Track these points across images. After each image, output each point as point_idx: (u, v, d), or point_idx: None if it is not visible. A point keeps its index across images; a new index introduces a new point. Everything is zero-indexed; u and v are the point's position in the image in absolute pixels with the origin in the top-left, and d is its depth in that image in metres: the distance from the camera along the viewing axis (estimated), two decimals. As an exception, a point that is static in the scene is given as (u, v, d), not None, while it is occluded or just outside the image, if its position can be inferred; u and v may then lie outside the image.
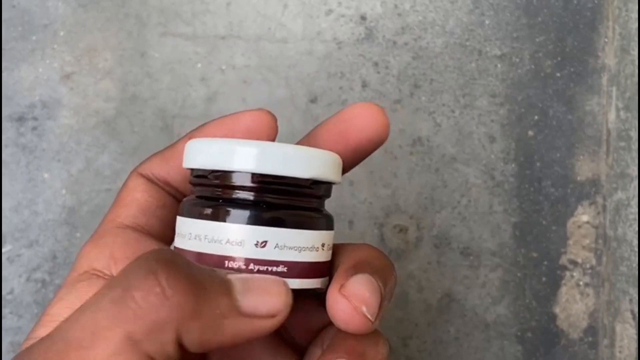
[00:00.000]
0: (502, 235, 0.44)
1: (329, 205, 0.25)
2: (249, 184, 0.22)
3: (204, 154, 0.23)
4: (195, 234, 0.22)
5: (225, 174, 0.22)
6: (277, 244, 0.22)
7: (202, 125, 0.26)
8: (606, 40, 0.44)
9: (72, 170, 0.42)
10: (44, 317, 0.24)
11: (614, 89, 0.43)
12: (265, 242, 0.22)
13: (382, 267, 0.23)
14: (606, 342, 0.43)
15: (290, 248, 0.22)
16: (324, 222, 0.23)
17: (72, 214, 0.41)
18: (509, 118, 0.44)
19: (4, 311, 0.41)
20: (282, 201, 0.22)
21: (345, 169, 0.25)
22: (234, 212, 0.22)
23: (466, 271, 0.43)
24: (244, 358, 0.25)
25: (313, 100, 0.43)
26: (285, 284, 0.21)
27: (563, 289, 0.44)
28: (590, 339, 0.44)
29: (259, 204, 0.22)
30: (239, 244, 0.21)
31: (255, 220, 0.22)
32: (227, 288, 0.20)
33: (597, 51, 0.44)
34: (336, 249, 0.24)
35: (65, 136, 0.42)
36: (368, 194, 0.43)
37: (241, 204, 0.22)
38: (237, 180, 0.22)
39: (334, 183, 0.24)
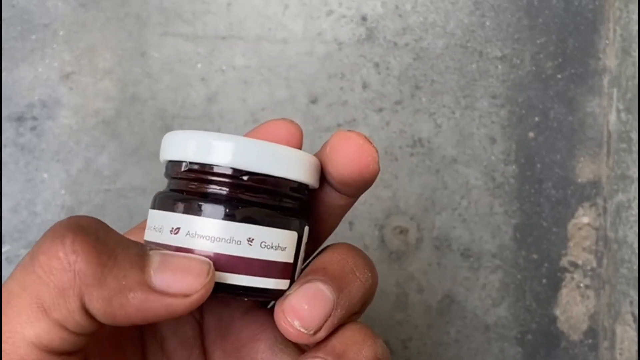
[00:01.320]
0: (502, 237, 0.44)
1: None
2: (223, 179, 0.22)
3: (179, 146, 0.22)
4: (165, 227, 0.22)
5: (201, 168, 0.22)
6: (250, 241, 0.21)
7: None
8: (607, 41, 0.44)
9: (72, 171, 0.41)
10: None
11: (615, 90, 0.43)
12: (240, 240, 0.21)
13: (340, 271, 0.22)
14: (606, 344, 0.43)
15: (267, 246, 0.22)
16: (289, 222, 0.23)
17: (71, 214, 0.41)
18: (509, 119, 0.44)
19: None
20: (256, 199, 0.22)
21: (348, 194, 0.24)
22: (206, 207, 0.21)
23: (466, 273, 0.43)
24: (245, 354, 0.25)
25: (313, 101, 0.43)
26: (210, 265, 0.20)
27: (563, 291, 0.44)
28: (590, 341, 0.44)
29: (233, 200, 0.22)
30: (208, 238, 0.21)
31: (227, 216, 0.21)
32: (142, 261, 0.20)
33: (598, 53, 0.44)
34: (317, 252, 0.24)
35: (65, 136, 0.41)
36: (368, 195, 0.43)
37: (214, 198, 0.22)
38: (211, 175, 0.22)
39: (308, 185, 0.23)
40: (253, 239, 0.21)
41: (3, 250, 0.41)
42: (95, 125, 0.42)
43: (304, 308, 0.21)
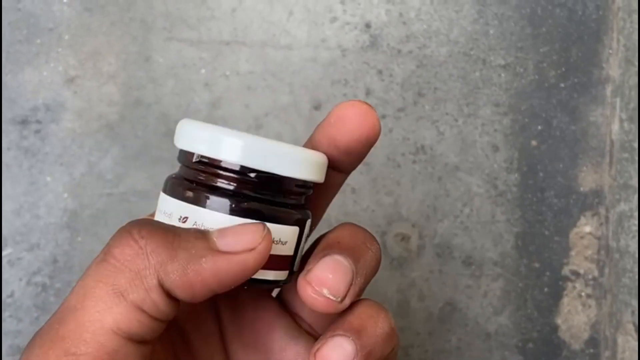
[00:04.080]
0: (504, 245, 0.44)
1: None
2: (231, 174, 0.22)
3: (192, 137, 0.23)
4: (174, 214, 0.22)
5: (211, 161, 0.22)
6: None
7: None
8: (610, 51, 0.44)
9: (75, 174, 0.42)
10: None
11: (618, 100, 0.43)
12: None
13: (353, 244, 0.24)
14: (608, 353, 0.43)
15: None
16: (291, 218, 0.23)
17: (74, 218, 0.41)
18: (512, 128, 0.44)
19: (4, 314, 0.41)
20: (261, 195, 0.22)
21: (345, 169, 0.25)
22: (213, 200, 0.22)
23: (468, 280, 0.43)
24: (262, 343, 0.25)
25: (317, 107, 0.43)
26: (264, 225, 0.21)
27: (565, 300, 0.44)
28: (591, 350, 0.44)
29: (239, 195, 0.22)
30: (206, 229, 0.22)
31: (233, 211, 0.22)
32: (202, 234, 0.21)
33: (602, 62, 0.44)
34: (318, 238, 0.25)
35: (68, 140, 0.42)
36: (370, 201, 0.43)
37: (221, 192, 0.22)
38: (220, 169, 0.22)
39: (315, 182, 0.24)
40: (276, 238, 0.22)
41: (5, 252, 0.41)
42: (99, 129, 0.42)
43: (328, 277, 0.22)
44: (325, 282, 0.22)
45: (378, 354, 0.23)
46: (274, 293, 0.27)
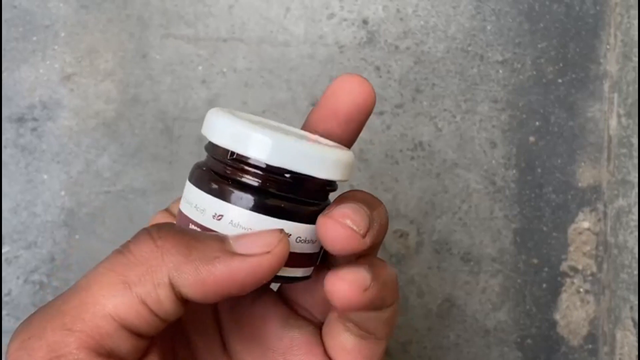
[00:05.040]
0: (502, 241, 0.44)
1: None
2: (259, 172, 0.22)
3: (221, 130, 0.22)
4: (208, 210, 0.22)
5: (240, 157, 0.22)
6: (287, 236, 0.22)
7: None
8: (608, 47, 0.44)
9: (72, 172, 0.41)
10: None
11: (616, 95, 0.43)
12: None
13: (367, 198, 0.24)
14: (606, 349, 0.43)
15: (302, 241, 0.22)
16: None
17: (71, 216, 0.41)
18: (510, 124, 0.44)
19: (2, 313, 0.40)
20: (296, 196, 0.22)
21: (347, 143, 0.26)
22: (239, 195, 0.22)
23: (466, 277, 0.43)
24: (258, 335, 0.25)
25: (314, 104, 0.43)
26: (281, 229, 0.21)
27: (563, 296, 0.44)
28: (590, 346, 0.44)
29: (266, 193, 0.22)
30: (240, 227, 0.22)
31: (258, 208, 0.22)
32: (219, 237, 0.21)
33: (599, 58, 0.44)
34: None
35: (65, 137, 0.41)
36: (369, 198, 0.43)
37: (247, 188, 0.22)
38: (249, 166, 0.22)
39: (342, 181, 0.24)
40: (290, 235, 0.22)
41: (2, 251, 0.41)
42: (96, 127, 0.42)
43: (349, 213, 0.22)
44: (347, 215, 0.22)
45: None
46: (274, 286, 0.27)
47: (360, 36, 0.43)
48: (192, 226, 0.23)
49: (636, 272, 0.41)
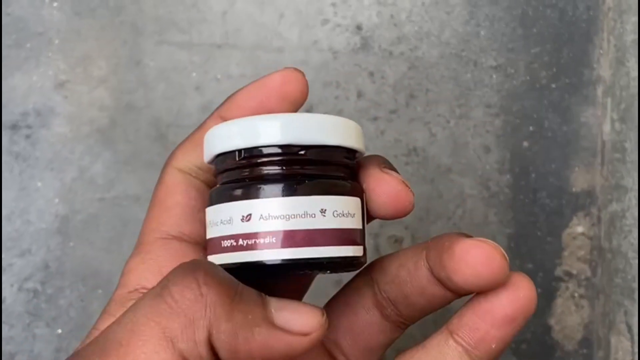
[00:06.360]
0: (497, 246, 0.44)
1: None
2: (274, 158, 0.22)
3: (228, 137, 0.22)
4: (235, 217, 0.22)
5: (252, 151, 0.22)
6: (323, 212, 0.22)
7: (230, 98, 0.26)
8: (601, 51, 0.44)
9: (66, 179, 0.41)
10: (94, 331, 0.24)
11: (609, 100, 0.44)
12: (315, 213, 0.22)
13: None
14: (601, 354, 0.43)
15: (339, 214, 0.22)
16: (352, 188, 0.23)
17: (65, 223, 0.41)
18: (504, 129, 0.44)
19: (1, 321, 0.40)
20: (317, 171, 0.22)
21: None
22: (260, 187, 0.22)
23: (461, 282, 0.43)
24: None
25: (308, 110, 0.43)
26: (323, 311, 0.21)
27: (558, 301, 0.44)
28: (585, 350, 0.44)
29: (296, 176, 0.22)
30: (283, 217, 0.21)
31: (297, 192, 0.21)
32: (262, 300, 0.20)
33: (593, 63, 0.44)
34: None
35: (59, 145, 0.41)
36: (363, 204, 0.43)
37: (266, 177, 0.22)
38: (267, 156, 0.22)
39: (358, 151, 0.24)
40: (325, 210, 0.22)
41: (-4, 259, 0.41)
42: (90, 134, 0.42)
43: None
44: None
45: None
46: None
47: (354, 42, 0.43)
48: (224, 243, 0.22)
49: (630, 277, 0.41)
